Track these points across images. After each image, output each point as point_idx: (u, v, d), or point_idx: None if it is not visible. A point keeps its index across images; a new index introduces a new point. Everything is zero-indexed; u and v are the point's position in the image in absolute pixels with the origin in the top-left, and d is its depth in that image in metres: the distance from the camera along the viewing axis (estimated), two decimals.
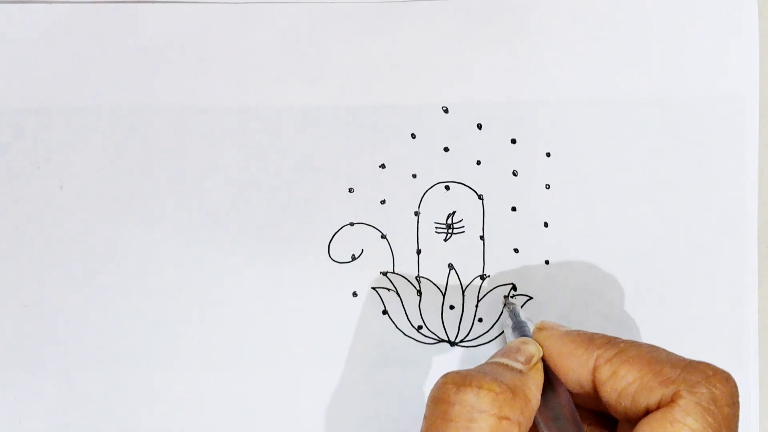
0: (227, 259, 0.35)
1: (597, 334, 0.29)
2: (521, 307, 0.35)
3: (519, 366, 0.28)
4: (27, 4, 0.35)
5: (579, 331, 0.30)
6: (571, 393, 0.29)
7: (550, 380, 0.29)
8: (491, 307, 0.36)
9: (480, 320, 0.36)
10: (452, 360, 0.35)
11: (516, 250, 0.36)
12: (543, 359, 0.29)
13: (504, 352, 0.29)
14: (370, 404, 0.35)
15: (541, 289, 0.35)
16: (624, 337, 0.29)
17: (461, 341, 0.36)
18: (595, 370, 0.28)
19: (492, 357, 0.29)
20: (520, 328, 0.32)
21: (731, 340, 0.35)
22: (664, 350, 0.27)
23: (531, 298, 0.35)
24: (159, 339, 0.35)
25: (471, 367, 0.35)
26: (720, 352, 0.35)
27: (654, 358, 0.27)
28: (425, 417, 0.27)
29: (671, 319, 0.35)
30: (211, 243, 0.35)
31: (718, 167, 0.35)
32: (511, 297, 0.36)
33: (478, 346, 0.36)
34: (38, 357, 0.35)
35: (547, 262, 0.36)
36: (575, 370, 0.28)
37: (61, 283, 0.35)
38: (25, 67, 0.35)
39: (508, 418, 0.26)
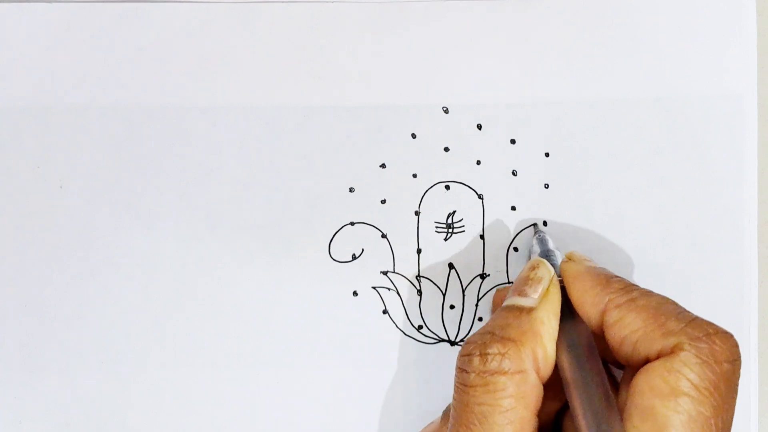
0: (227, 258, 0.35)
1: (617, 277, 0.29)
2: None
3: (529, 303, 0.29)
4: (27, 4, 0.35)
5: (602, 269, 0.30)
6: None
7: (570, 308, 0.29)
8: (491, 306, 0.36)
9: (480, 319, 0.36)
10: (453, 360, 0.35)
11: (516, 249, 0.36)
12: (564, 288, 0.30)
13: (514, 287, 0.30)
14: (370, 404, 0.35)
15: None
16: None
17: (461, 341, 0.36)
18: (604, 312, 0.28)
19: (507, 297, 0.30)
20: (546, 257, 0.32)
21: None
22: (674, 303, 0.28)
23: None
24: (159, 339, 0.35)
25: None
26: None
27: (661, 310, 0.27)
28: (454, 384, 0.28)
29: None
30: (211, 243, 0.35)
31: (718, 167, 0.36)
32: (540, 228, 0.35)
33: None
34: (38, 357, 0.35)
35: None
36: (587, 308, 0.29)
37: (61, 283, 0.35)
38: (25, 67, 0.35)
39: (521, 371, 0.27)
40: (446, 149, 0.36)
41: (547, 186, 0.36)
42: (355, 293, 0.36)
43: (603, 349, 0.29)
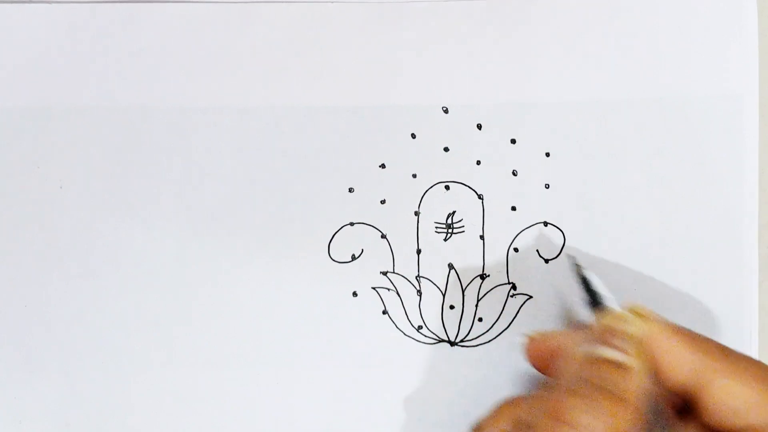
0: (227, 258, 0.35)
1: (706, 338, 0.28)
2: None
3: (625, 360, 0.26)
4: (27, 4, 0.35)
5: (688, 329, 0.28)
6: None
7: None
8: (491, 306, 0.36)
9: (480, 320, 0.36)
10: (452, 360, 0.35)
11: (516, 250, 0.36)
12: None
13: (602, 337, 0.27)
14: (369, 404, 0.35)
15: (540, 288, 0.35)
16: None
17: (461, 341, 0.36)
18: (701, 376, 0.26)
19: (589, 345, 0.27)
20: (597, 303, 0.29)
21: (731, 341, 0.35)
22: None
23: (530, 297, 0.35)
24: (159, 339, 0.35)
25: (472, 367, 0.35)
26: None
27: None
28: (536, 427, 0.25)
29: (671, 319, 0.35)
30: (210, 243, 0.35)
31: (718, 167, 0.35)
32: (577, 261, 0.32)
33: (478, 345, 0.36)
34: (38, 357, 0.35)
35: (546, 261, 0.36)
36: (679, 371, 0.27)
37: (61, 283, 0.35)
38: (25, 67, 0.35)
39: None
40: (446, 149, 0.36)
41: (547, 186, 0.36)
42: (354, 294, 0.36)
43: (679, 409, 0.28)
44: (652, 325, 0.27)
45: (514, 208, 0.36)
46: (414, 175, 0.36)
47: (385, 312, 0.36)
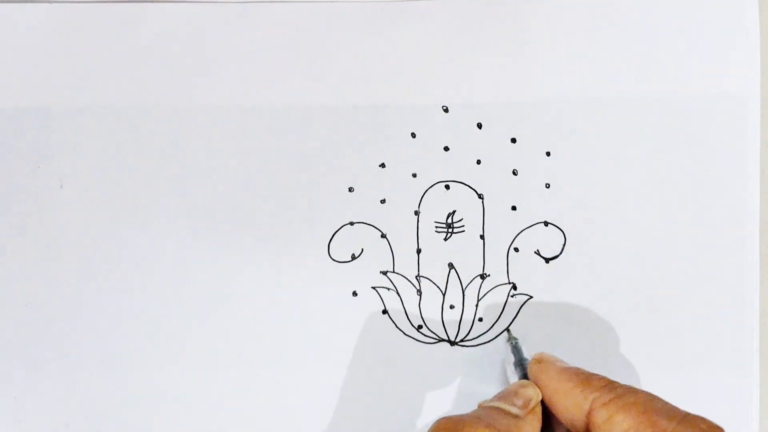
0: (227, 258, 0.35)
1: (595, 374, 0.29)
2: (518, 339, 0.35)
3: (515, 411, 0.28)
4: (27, 4, 0.35)
5: (577, 368, 0.29)
6: None
7: (549, 423, 0.29)
8: (491, 306, 0.36)
9: (480, 320, 0.36)
10: (452, 360, 0.35)
11: (516, 249, 0.36)
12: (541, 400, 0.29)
13: (501, 396, 0.29)
14: (370, 404, 0.35)
15: (540, 288, 0.35)
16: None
17: (461, 341, 0.36)
18: (590, 413, 0.27)
19: (489, 400, 0.29)
20: (521, 366, 0.32)
21: (732, 340, 0.35)
22: (661, 400, 0.27)
23: (531, 297, 0.35)
24: (159, 339, 0.35)
25: (472, 366, 0.35)
26: (721, 352, 0.35)
27: (651, 407, 0.27)
28: None
29: (672, 319, 0.35)
30: (210, 242, 0.35)
31: (719, 167, 0.35)
32: (512, 334, 0.35)
33: (478, 345, 0.36)
34: (38, 357, 0.35)
35: (547, 261, 0.35)
36: (570, 410, 0.28)
37: (61, 283, 0.35)
38: (25, 67, 0.35)
39: None
40: (446, 149, 0.36)
41: (548, 186, 0.36)
42: (354, 293, 0.35)
43: None
44: (540, 369, 0.30)
45: (514, 208, 0.36)
46: (414, 175, 0.36)
47: (385, 312, 0.36)
